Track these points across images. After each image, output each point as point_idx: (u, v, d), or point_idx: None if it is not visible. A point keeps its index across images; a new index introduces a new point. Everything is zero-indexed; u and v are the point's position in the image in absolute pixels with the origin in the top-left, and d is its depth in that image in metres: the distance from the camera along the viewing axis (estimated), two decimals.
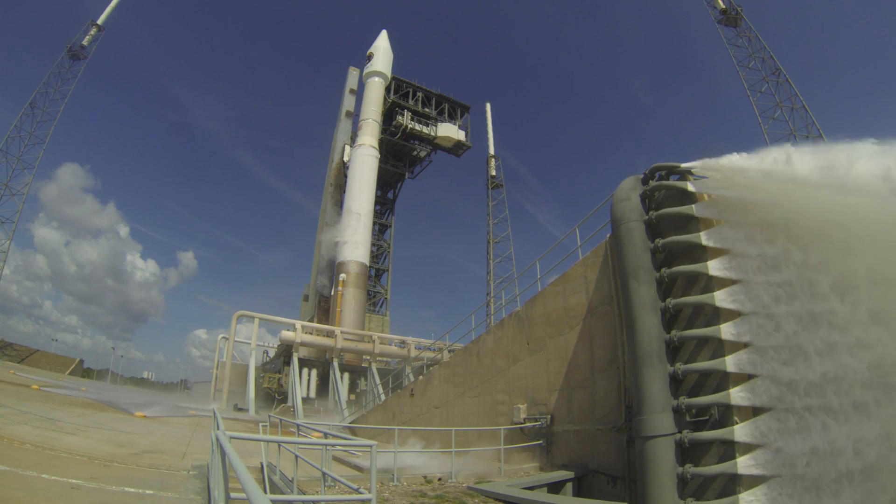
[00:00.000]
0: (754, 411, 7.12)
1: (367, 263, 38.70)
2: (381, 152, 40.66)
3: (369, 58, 42.37)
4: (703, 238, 8.00)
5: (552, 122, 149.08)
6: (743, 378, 7.22)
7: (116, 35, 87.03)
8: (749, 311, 7.39)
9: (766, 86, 36.07)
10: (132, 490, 6.53)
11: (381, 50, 42.32)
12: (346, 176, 40.70)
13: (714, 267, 7.82)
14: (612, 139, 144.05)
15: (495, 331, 14.45)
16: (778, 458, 6.70)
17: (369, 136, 39.83)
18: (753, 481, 6.82)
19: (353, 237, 36.57)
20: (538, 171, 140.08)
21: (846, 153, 6.62)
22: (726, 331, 7.40)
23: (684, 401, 7.64)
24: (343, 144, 43.03)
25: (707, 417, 7.51)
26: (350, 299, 35.45)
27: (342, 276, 35.90)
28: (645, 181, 9.32)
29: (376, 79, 41.50)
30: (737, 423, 7.10)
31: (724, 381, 7.41)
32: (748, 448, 6.94)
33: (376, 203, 42.08)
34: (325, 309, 38.33)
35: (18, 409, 12.43)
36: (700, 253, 8.09)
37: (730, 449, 7.07)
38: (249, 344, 31.09)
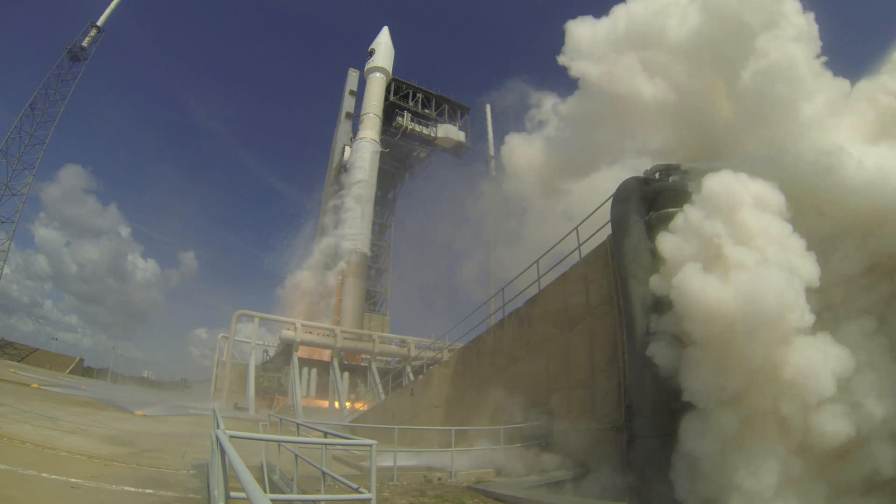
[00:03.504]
0: None
1: (368, 253, 38.88)
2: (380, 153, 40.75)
3: (370, 53, 42.47)
4: None
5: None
6: None
7: (116, 35, 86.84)
8: None
9: None
10: (132, 489, 6.53)
11: (383, 46, 42.45)
12: (345, 174, 40.81)
13: None
14: None
15: (495, 330, 14.45)
16: None
17: (370, 129, 40.00)
18: None
19: (354, 227, 36.80)
20: None
21: None
22: None
23: None
24: (343, 146, 43.03)
25: None
26: (350, 289, 35.80)
27: (342, 265, 36.07)
28: (645, 182, 9.34)
29: (377, 74, 41.65)
30: None
31: None
32: None
33: (376, 203, 42.12)
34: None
35: (18, 407, 12.40)
36: None
37: None
38: (249, 343, 31.05)
